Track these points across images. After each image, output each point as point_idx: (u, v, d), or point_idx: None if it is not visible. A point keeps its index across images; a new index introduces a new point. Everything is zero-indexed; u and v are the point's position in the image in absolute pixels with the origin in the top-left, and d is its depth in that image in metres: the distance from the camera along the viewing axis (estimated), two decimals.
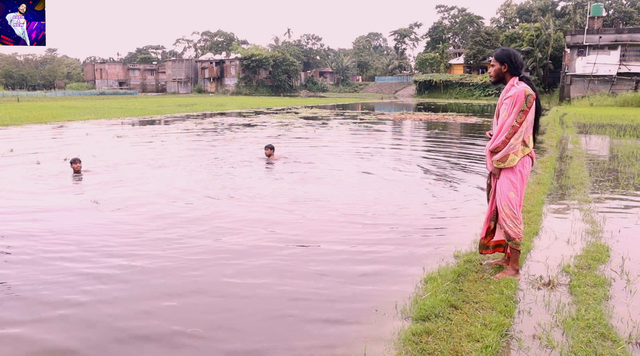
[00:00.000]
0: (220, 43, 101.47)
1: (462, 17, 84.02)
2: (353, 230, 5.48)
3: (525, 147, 3.85)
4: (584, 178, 8.35)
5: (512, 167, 3.86)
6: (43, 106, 32.68)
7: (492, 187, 4.14)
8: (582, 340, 2.98)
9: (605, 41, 42.88)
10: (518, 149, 3.81)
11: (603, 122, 20.73)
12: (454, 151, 12.55)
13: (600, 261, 4.39)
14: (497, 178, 4.01)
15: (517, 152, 3.81)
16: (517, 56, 3.86)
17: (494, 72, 3.95)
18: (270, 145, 10.42)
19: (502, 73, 3.91)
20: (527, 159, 3.89)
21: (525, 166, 3.89)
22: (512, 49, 3.93)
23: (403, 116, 27.94)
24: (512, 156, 3.82)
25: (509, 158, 3.82)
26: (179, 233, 5.31)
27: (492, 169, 4.00)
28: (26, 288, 3.89)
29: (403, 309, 3.48)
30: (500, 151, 3.84)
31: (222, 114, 27.92)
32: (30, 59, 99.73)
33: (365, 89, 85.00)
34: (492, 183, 4.13)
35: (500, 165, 3.88)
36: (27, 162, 9.88)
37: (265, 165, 9.86)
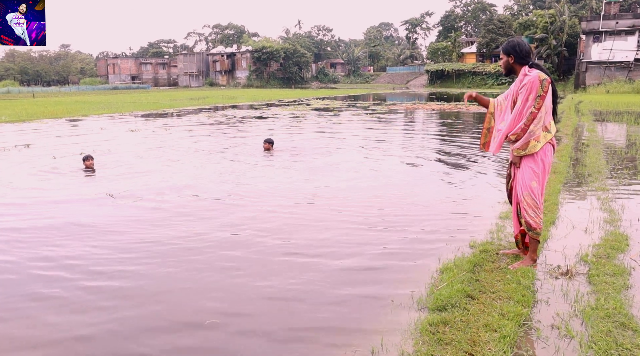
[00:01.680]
0: (231, 36, 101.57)
1: (474, 5, 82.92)
2: (367, 221, 5.47)
3: (547, 133, 3.79)
4: (601, 166, 8.23)
5: (533, 155, 3.81)
6: (58, 101, 33.04)
7: (512, 176, 4.10)
8: (602, 330, 2.95)
9: (622, 26, 41.98)
10: (539, 135, 3.76)
11: (620, 110, 20.37)
12: (467, 141, 12.43)
13: (619, 250, 4.33)
14: (517, 167, 3.97)
15: (538, 138, 3.76)
16: (522, 45, 3.84)
17: (503, 65, 3.99)
18: (270, 139, 10.45)
19: (510, 65, 3.92)
20: (549, 147, 3.84)
21: (547, 154, 3.84)
22: (516, 39, 3.94)
23: (415, 106, 27.74)
24: (534, 143, 3.77)
25: (529, 145, 3.78)
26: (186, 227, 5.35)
27: (513, 158, 3.97)
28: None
29: (419, 299, 3.47)
30: (520, 138, 3.80)
31: (234, 107, 27.97)
32: (45, 56, 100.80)
33: (377, 80, 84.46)
34: (513, 172, 4.08)
35: (521, 153, 3.84)
36: (43, 157, 10.00)
37: (267, 158, 9.83)
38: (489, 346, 2.81)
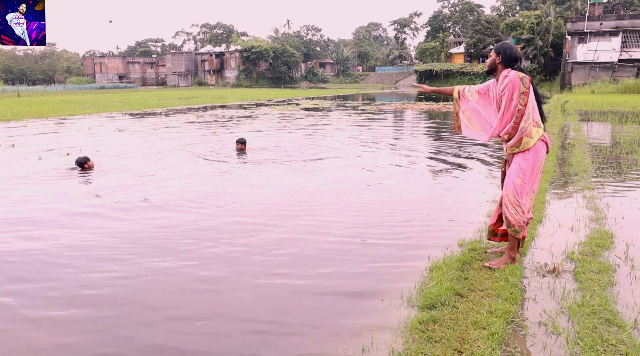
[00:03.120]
0: (219, 35, 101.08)
1: (462, 6, 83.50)
2: (356, 221, 5.49)
3: (538, 128, 3.86)
4: (587, 165, 8.35)
5: (524, 153, 3.86)
6: (43, 100, 32.64)
7: (506, 174, 4.16)
8: (588, 326, 3.00)
9: (606, 28, 42.55)
10: (531, 131, 3.81)
11: (605, 110, 20.66)
12: (457, 140, 12.53)
13: (605, 247, 4.40)
14: (510, 164, 4.03)
15: (530, 134, 3.82)
16: (513, 49, 3.93)
17: (489, 62, 4.05)
18: (242, 139, 10.51)
19: (495, 64, 3.99)
20: (541, 144, 3.90)
21: (539, 152, 3.88)
22: (510, 43, 4.02)
23: (404, 106, 27.86)
24: (527, 139, 3.82)
25: (522, 141, 3.83)
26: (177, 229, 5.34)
27: (507, 155, 4.04)
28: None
29: (409, 298, 3.50)
30: (513, 137, 3.85)
31: (223, 107, 27.86)
32: (30, 54, 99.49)
33: (366, 80, 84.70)
34: (506, 170, 4.14)
35: (515, 150, 3.89)
36: (29, 157, 9.89)
37: (240, 158, 9.82)
38: (477, 343, 2.84)
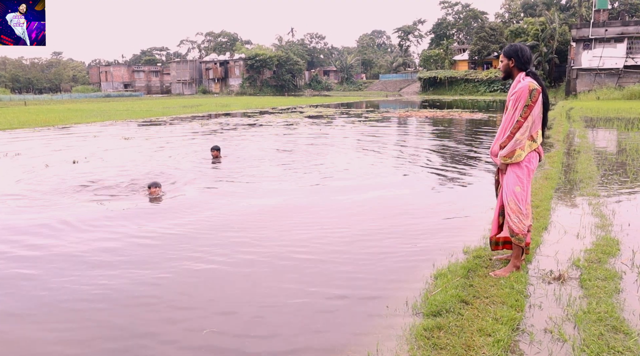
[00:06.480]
0: (224, 43, 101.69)
1: (466, 13, 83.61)
2: (360, 227, 5.50)
3: (532, 143, 3.83)
4: (592, 172, 8.32)
5: (518, 162, 3.86)
6: (50, 109, 32.88)
7: (500, 183, 4.15)
8: (594, 333, 2.98)
9: (612, 34, 42.49)
10: (524, 144, 3.79)
11: (610, 116, 20.60)
12: (460, 148, 12.52)
13: (611, 254, 4.38)
14: (504, 173, 4.01)
15: (523, 147, 3.79)
16: (525, 51, 3.87)
17: (502, 68, 4.00)
18: (216, 146, 10.65)
19: (509, 68, 3.94)
20: (534, 154, 3.88)
21: (531, 161, 3.87)
22: (520, 44, 3.95)
23: (408, 114, 27.88)
24: (519, 152, 3.80)
25: (515, 154, 3.81)
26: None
27: (500, 164, 4.02)
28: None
29: (414, 305, 3.49)
30: (505, 146, 3.84)
31: (227, 115, 27.97)
32: (36, 63, 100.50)
33: (370, 87, 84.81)
34: (500, 179, 4.14)
35: (507, 161, 3.87)
36: (35, 165, 9.96)
37: (213, 165, 9.92)
38: (483, 350, 2.83)
